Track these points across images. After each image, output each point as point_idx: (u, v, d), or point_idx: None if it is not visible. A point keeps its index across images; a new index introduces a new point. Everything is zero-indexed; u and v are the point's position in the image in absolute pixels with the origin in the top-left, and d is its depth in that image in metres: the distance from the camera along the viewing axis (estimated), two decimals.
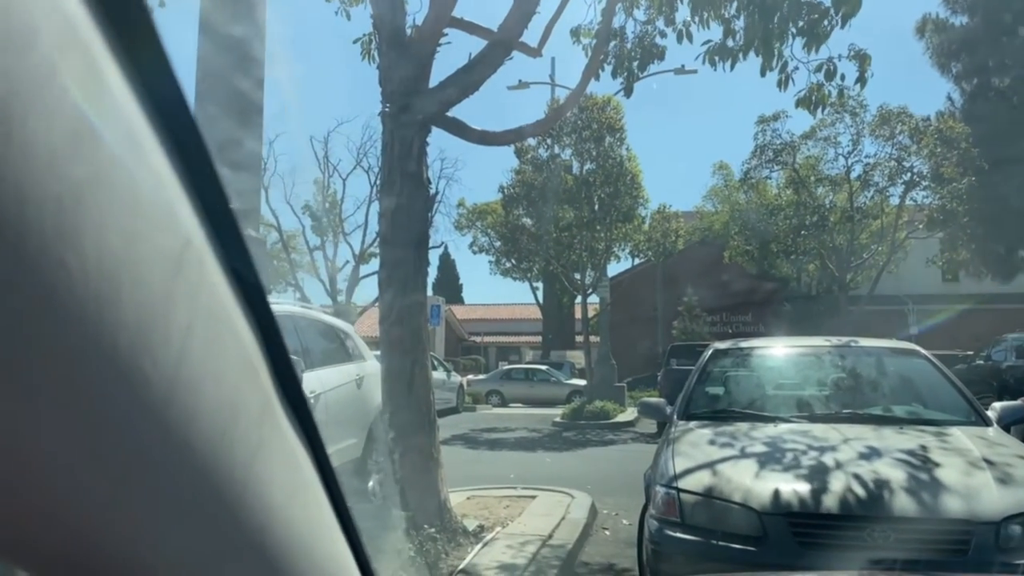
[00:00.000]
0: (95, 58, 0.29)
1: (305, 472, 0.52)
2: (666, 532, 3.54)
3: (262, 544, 0.44)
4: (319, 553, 0.53)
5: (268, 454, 0.45)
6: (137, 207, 0.32)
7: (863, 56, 6.49)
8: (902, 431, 4.12)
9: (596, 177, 19.04)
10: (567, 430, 15.71)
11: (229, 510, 0.40)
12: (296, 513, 0.49)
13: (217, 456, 0.38)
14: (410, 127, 5.44)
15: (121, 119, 0.31)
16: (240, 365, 0.41)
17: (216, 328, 0.38)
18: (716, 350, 5.37)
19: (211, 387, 0.37)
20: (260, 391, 0.44)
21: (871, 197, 22.48)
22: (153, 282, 0.32)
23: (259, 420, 0.43)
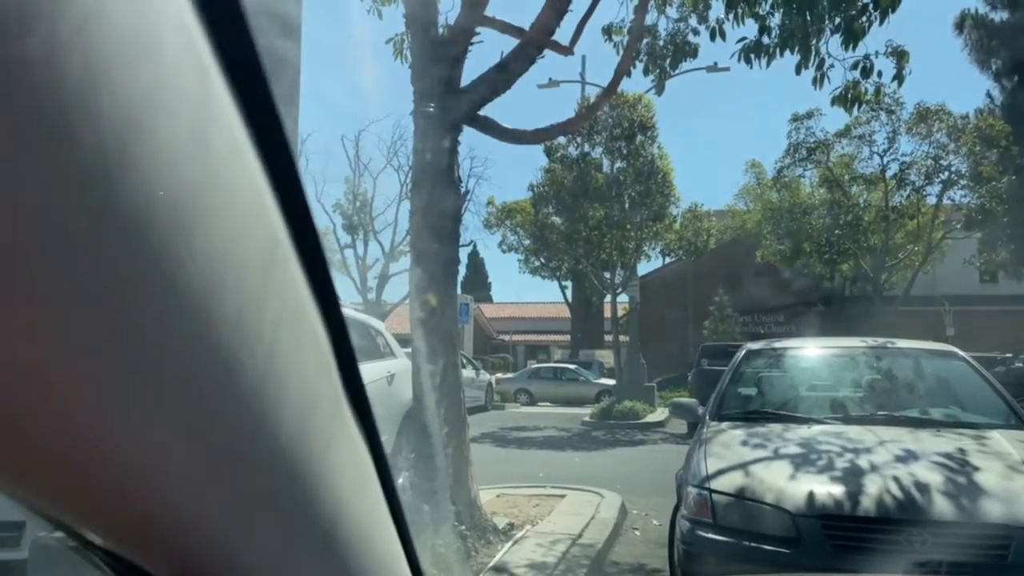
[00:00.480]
0: (206, 67, 0.31)
1: (367, 468, 0.53)
2: (698, 533, 3.52)
3: (332, 536, 0.46)
4: (379, 547, 0.55)
5: (338, 448, 0.46)
6: (238, 207, 0.33)
7: (901, 53, 6.39)
8: (939, 433, 4.05)
9: (627, 175, 18.94)
10: (596, 429, 15.67)
11: (306, 501, 0.42)
12: (360, 507, 0.51)
13: (298, 448, 0.40)
14: (442, 126, 5.46)
15: (225, 125, 0.33)
16: (317, 361, 0.43)
17: (299, 324, 0.40)
18: (749, 351, 5.33)
19: (295, 381, 0.39)
20: (332, 387, 0.46)
21: (907, 196, 22.10)
22: (250, 278, 0.34)
23: (331, 415, 0.45)
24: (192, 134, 0.30)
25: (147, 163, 0.27)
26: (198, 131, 0.30)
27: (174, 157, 0.28)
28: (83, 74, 0.24)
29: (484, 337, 40.27)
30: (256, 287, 0.34)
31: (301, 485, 0.41)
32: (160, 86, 0.28)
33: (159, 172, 0.28)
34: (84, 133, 0.25)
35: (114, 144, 0.26)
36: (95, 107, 0.25)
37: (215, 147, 0.32)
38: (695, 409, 5.01)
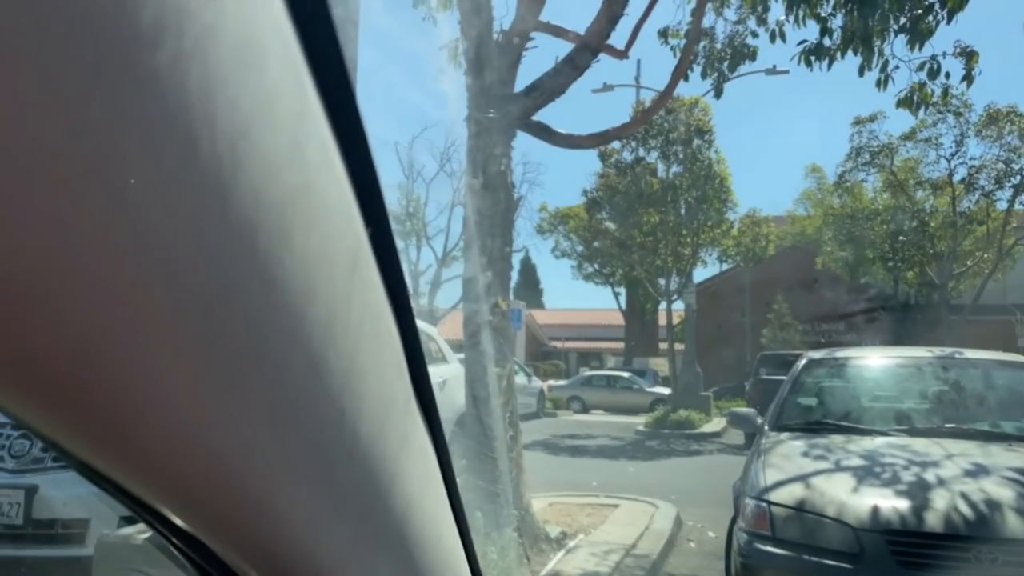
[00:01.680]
0: (303, 81, 0.33)
1: (434, 468, 0.56)
2: (756, 545, 3.43)
3: (404, 533, 0.48)
4: (444, 547, 0.57)
5: (410, 447, 0.48)
6: (329, 213, 0.36)
7: (970, 53, 6.18)
8: (1011, 448, 3.89)
9: (683, 180, 18.73)
10: (650, 439, 15.49)
11: (382, 497, 0.44)
12: (428, 506, 0.53)
13: (376, 444, 0.42)
14: (495, 131, 5.47)
15: (318, 135, 0.35)
16: (393, 361, 0.46)
17: (378, 325, 0.42)
18: (810, 359, 5.19)
19: (374, 379, 0.41)
20: (405, 387, 0.48)
21: (976, 201, 21.35)
22: (339, 279, 0.36)
23: (404, 414, 0.47)
24: (291, 143, 0.32)
25: (255, 169, 0.29)
26: (296, 140, 0.32)
27: (277, 164, 0.30)
28: (202, 83, 0.26)
29: (536, 343, 40.22)
30: (343, 289, 0.37)
31: (378, 481, 0.43)
32: (266, 98, 0.29)
33: (265, 178, 0.29)
34: (202, 139, 0.26)
35: (228, 150, 0.27)
36: (211, 114, 0.26)
37: (310, 156, 0.34)
38: (753, 419, 4.90)
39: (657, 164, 19.48)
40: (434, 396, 0.53)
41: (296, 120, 0.32)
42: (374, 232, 0.41)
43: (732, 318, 29.67)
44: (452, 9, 6.86)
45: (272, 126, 0.30)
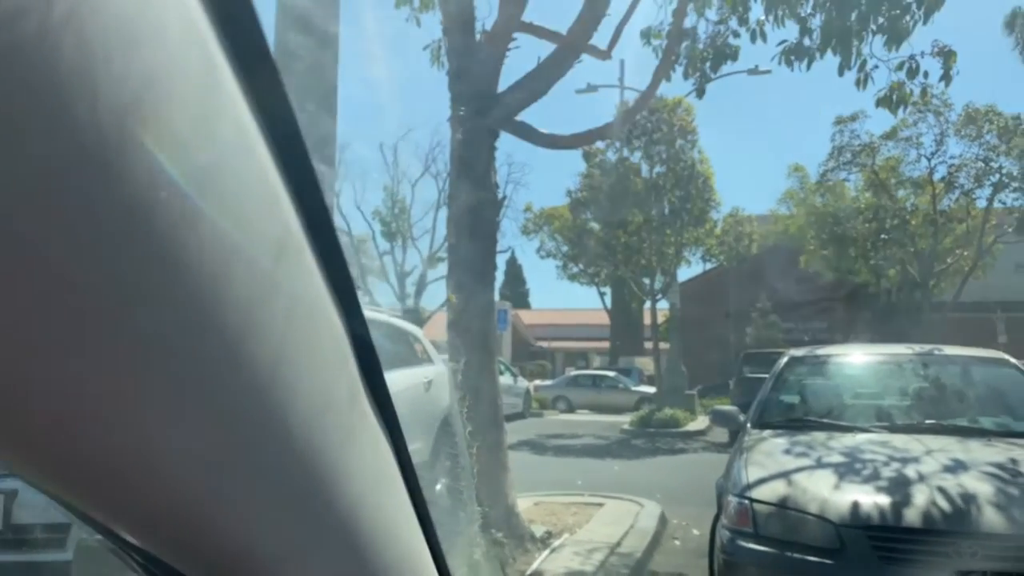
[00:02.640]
0: (211, 55, 0.32)
1: (388, 463, 0.54)
2: (739, 543, 3.45)
3: (350, 530, 0.46)
4: (400, 543, 0.55)
5: (356, 441, 0.47)
6: (246, 197, 0.34)
7: (948, 53, 6.25)
8: (990, 443, 3.93)
9: (667, 180, 18.81)
10: (635, 438, 15.54)
11: (322, 494, 0.42)
12: (381, 502, 0.51)
13: (313, 439, 0.40)
14: (478, 132, 5.47)
15: (232, 113, 0.33)
16: (333, 352, 0.44)
17: (312, 315, 0.40)
18: (792, 357, 5.23)
19: (308, 372, 0.39)
20: (349, 380, 0.46)
21: (956, 199, 21.56)
22: (259, 266, 0.34)
23: (349, 407, 0.45)
24: (197, 122, 0.30)
25: (148, 147, 0.27)
26: (204, 119, 0.31)
27: (177, 143, 0.29)
28: (78, 58, 0.24)
29: (522, 344, 40.24)
30: (265, 275, 0.35)
31: (318, 478, 0.41)
32: (163, 72, 0.28)
33: (163, 158, 0.28)
34: (79, 117, 0.25)
35: (113, 129, 0.26)
36: (91, 91, 0.25)
37: (222, 136, 0.32)
38: (736, 417, 4.93)
39: (641, 164, 19.56)
40: (388, 391, 0.51)
41: (203, 98, 0.31)
42: (310, 220, 0.39)
43: (716, 317, 29.81)
44: (435, 10, 6.86)
45: (171, 103, 0.28)
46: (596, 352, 40.07)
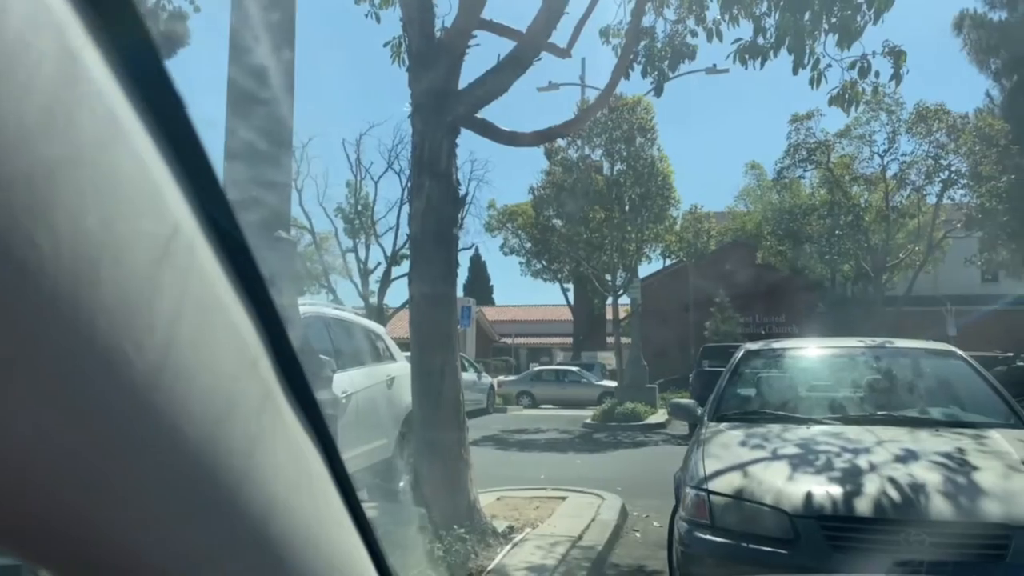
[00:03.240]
0: (70, 38, 0.29)
1: (312, 465, 0.51)
2: (696, 534, 3.51)
3: (264, 536, 0.44)
4: (328, 547, 0.53)
5: (269, 445, 0.44)
6: (117, 190, 0.31)
7: (898, 53, 6.40)
8: (938, 433, 4.04)
9: (627, 178, 18.95)
10: (598, 431, 15.66)
11: (228, 501, 0.40)
12: (302, 506, 0.49)
13: (212, 445, 0.38)
14: (439, 129, 5.46)
15: (100, 100, 0.31)
16: (236, 354, 0.41)
17: (209, 316, 0.38)
18: (748, 351, 5.32)
19: (204, 375, 0.37)
20: (260, 381, 0.43)
21: (907, 196, 22.09)
22: (136, 266, 0.32)
23: (259, 410, 0.43)
24: (51, 109, 0.28)
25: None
26: (60, 107, 0.28)
27: (24, 133, 0.27)
28: None
29: (486, 340, 40.24)
30: (144, 275, 0.32)
31: (222, 484, 0.39)
32: (5, 55, 0.26)
33: (4, 149, 0.26)
34: None
35: None
36: None
37: (84, 125, 0.30)
38: (693, 410, 5.01)
39: (602, 162, 19.68)
40: (312, 392, 0.50)
41: (54, 84, 0.28)
42: (208, 215, 0.37)
43: (677, 312, 30.13)
44: (395, 6, 6.83)
45: (15, 91, 0.26)
46: (559, 348, 40.24)
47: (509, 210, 25.92)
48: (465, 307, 24.91)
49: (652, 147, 19.22)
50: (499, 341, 42.35)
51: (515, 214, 25.29)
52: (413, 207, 5.64)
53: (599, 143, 19.28)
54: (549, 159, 20.43)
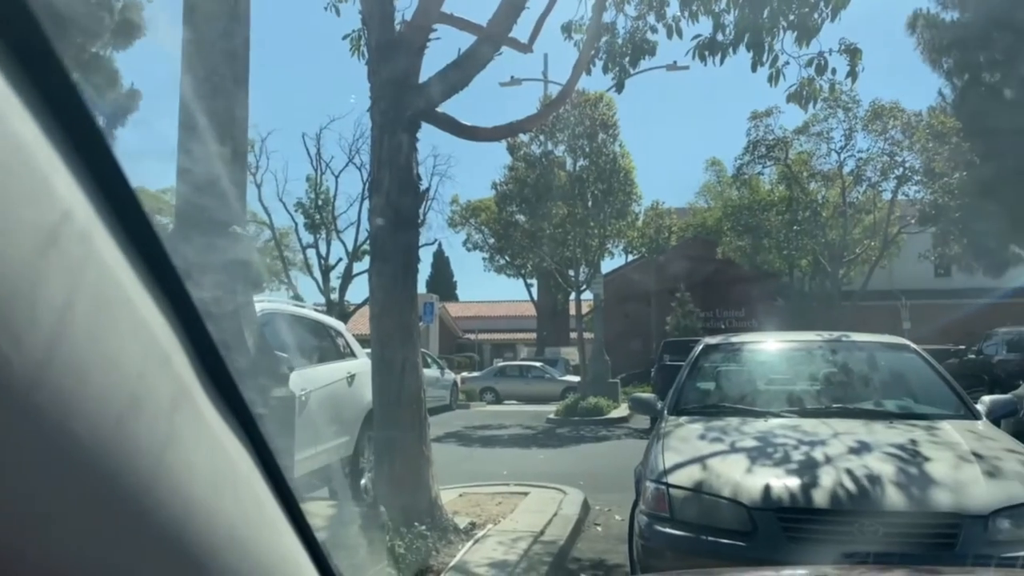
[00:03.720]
0: None
1: (238, 465, 0.49)
2: (655, 527, 3.53)
3: (181, 541, 0.42)
4: (258, 549, 0.51)
5: (185, 445, 0.42)
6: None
7: (854, 50, 6.49)
8: (892, 425, 4.12)
9: (589, 174, 19.03)
10: (561, 427, 15.72)
11: (135, 505, 0.38)
12: (225, 508, 0.47)
13: (114, 446, 0.36)
14: (399, 123, 5.42)
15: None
16: (143, 350, 0.39)
17: (109, 309, 0.36)
18: (707, 345, 5.37)
19: (101, 372, 0.35)
20: (173, 378, 0.41)
21: (863, 192, 22.53)
22: (14, 256, 0.30)
23: (171, 409, 0.41)
24: None
25: None
26: None
27: None
28: None
29: (450, 336, 40.16)
30: (24, 266, 0.30)
31: (125, 486, 0.37)
32: None
33: None
34: None
35: None
36: None
37: None
38: (653, 404, 5.03)
39: (565, 158, 19.74)
40: (238, 389, 0.48)
41: None
42: (111, 206, 0.36)
43: (639, 307, 30.38)
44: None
45: None
46: (523, 343, 40.34)
47: (472, 205, 25.86)
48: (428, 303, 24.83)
49: (614, 143, 19.34)
50: (463, 337, 42.30)
51: (478, 209, 25.24)
52: (373, 202, 5.59)
53: (562, 139, 19.32)
54: (512, 155, 20.43)
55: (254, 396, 3.22)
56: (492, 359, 37.32)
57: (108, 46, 17.92)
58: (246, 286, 3.71)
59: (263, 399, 3.37)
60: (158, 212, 29.88)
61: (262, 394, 3.38)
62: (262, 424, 0.52)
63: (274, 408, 3.55)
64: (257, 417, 0.51)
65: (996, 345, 14.17)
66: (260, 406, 3.29)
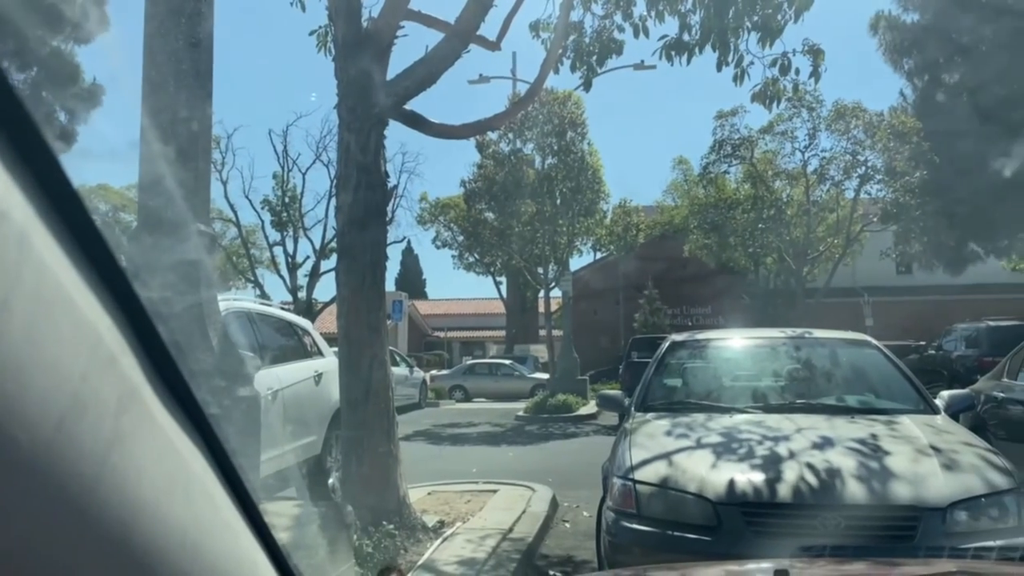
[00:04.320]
0: None
1: (191, 466, 0.48)
2: (622, 524, 3.56)
3: (127, 544, 0.41)
4: (212, 551, 0.50)
5: (131, 447, 0.41)
6: None
7: (816, 51, 6.59)
8: (853, 420, 4.19)
9: (558, 172, 19.09)
10: (530, 424, 15.75)
11: (78, 508, 0.37)
12: (176, 509, 0.46)
13: (54, 449, 0.35)
14: (367, 120, 5.39)
15: None
16: (86, 351, 0.38)
17: (47, 312, 0.35)
18: (673, 342, 5.41)
19: (39, 374, 0.34)
20: (119, 379, 0.41)
21: (827, 191, 22.86)
22: None
23: (117, 411, 0.40)
24: None
25: None
26: None
27: None
28: None
29: (419, 334, 40.02)
30: None
31: (66, 489, 0.36)
32: None
33: None
34: None
35: None
36: None
37: None
38: (621, 401, 5.07)
39: (534, 156, 19.77)
40: (191, 390, 0.47)
41: None
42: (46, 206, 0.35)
43: (607, 304, 30.57)
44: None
45: None
46: (493, 341, 40.33)
47: (441, 203, 25.80)
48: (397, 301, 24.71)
49: (583, 141, 19.43)
50: (432, 335, 42.18)
51: (447, 207, 25.19)
52: (340, 199, 5.55)
53: (531, 137, 19.36)
54: (481, 152, 20.42)
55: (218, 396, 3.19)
56: (461, 357, 37.26)
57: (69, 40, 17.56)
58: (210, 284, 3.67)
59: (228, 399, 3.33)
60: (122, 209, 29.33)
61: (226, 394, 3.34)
62: (217, 425, 0.51)
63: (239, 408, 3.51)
64: (212, 418, 0.50)
65: (955, 341, 14.48)
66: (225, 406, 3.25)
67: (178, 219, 3.42)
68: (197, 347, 3.16)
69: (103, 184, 29.85)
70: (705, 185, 24.73)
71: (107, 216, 28.15)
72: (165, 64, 3.51)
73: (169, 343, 0.45)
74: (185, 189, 3.59)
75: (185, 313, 3.10)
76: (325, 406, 6.81)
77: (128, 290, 0.41)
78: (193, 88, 3.58)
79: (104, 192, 29.84)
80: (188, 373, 0.47)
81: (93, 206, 6.35)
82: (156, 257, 3.09)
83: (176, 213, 3.40)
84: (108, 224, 2.69)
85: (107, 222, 26.26)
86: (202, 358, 3.19)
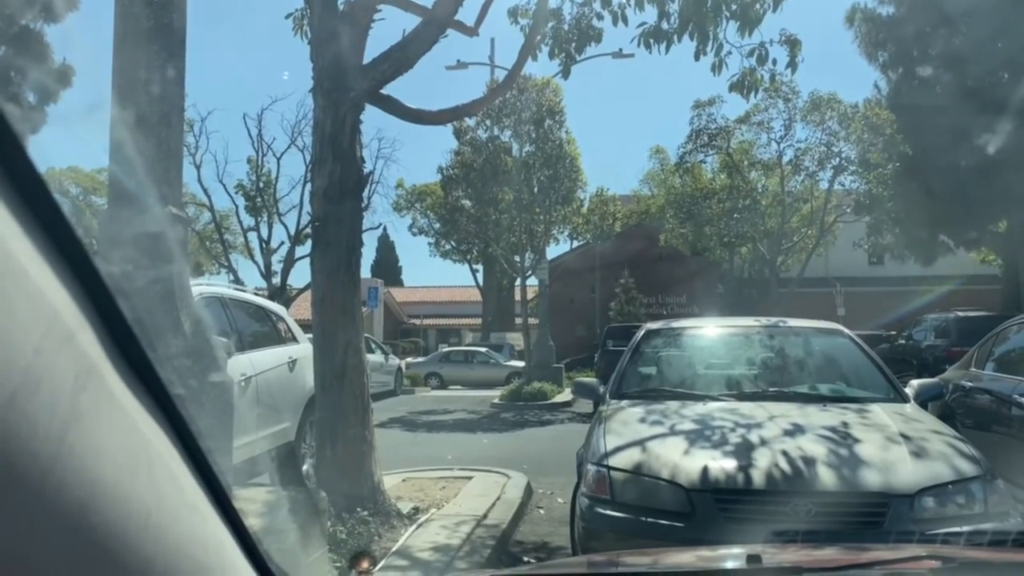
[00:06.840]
0: None
1: (155, 446, 0.47)
2: (596, 510, 3.57)
3: (87, 523, 0.40)
4: (176, 533, 0.49)
5: (90, 425, 0.40)
6: None
7: (793, 41, 6.61)
8: (825, 408, 4.24)
9: (535, 159, 19.05)
10: (505, 411, 15.78)
11: (31, 488, 0.36)
12: (139, 490, 0.45)
13: (2, 426, 0.34)
14: (342, 104, 5.33)
15: None
16: (40, 326, 0.37)
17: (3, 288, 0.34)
18: (648, 330, 5.44)
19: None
20: (78, 356, 0.39)
21: (802, 181, 23.08)
22: None
23: (75, 388, 0.39)
24: None
25: None
26: None
27: None
28: None
29: (395, 322, 39.88)
30: None
31: (19, 468, 0.35)
32: None
33: None
34: None
35: None
36: None
37: None
38: (596, 388, 5.08)
39: (511, 143, 19.70)
40: (155, 369, 0.45)
41: None
42: (14, 183, 0.34)
43: (583, 293, 30.66)
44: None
45: None
46: (469, 328, 40.30)
47: (418, 190, 25.68)
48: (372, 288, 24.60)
49: (560, 129, 19.37)
50: (408, 322, 42.06)
51: (424, 194, 25.08)
52: (315, 184, 5.50)
53: (508, 124, 19.28)
54: (458, 139, 20.31)
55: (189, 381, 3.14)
56: (437, 344, 37.21)
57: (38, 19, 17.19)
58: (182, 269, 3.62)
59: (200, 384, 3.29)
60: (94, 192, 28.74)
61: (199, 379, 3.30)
62: (184, 407, 0.50)
63: (212, 393, 3.48)
64: (178, 399, 0.49)
65: (924, 331, 14.67)
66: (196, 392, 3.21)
67: (149, 201, 3.36)
68: (168, 330, 3.12)
69: (73, 166, 29.33)
70: (681, 175, 24.85)
71: (78, 199, 27.67)
72: (136, 44, 3.44)
73: (133, 322, 0.44)
74: (157, 171, 3.53)
75: (153, 294, 3.05)
76: (299, 393, 6.77)
77: (90, 267, 0.40)
78: (165, 69, 3.51)
79: (74, 174, 29.32)
80: (153, 354, 0.46)
81: (63, 188, 6.25)
82: (125, 233, 3.04)
83: (147, 195, 3.35)
84: (77, 207, 2.63)
85: (78, 205, 25.77)
86: (173, 342, 3.15)
